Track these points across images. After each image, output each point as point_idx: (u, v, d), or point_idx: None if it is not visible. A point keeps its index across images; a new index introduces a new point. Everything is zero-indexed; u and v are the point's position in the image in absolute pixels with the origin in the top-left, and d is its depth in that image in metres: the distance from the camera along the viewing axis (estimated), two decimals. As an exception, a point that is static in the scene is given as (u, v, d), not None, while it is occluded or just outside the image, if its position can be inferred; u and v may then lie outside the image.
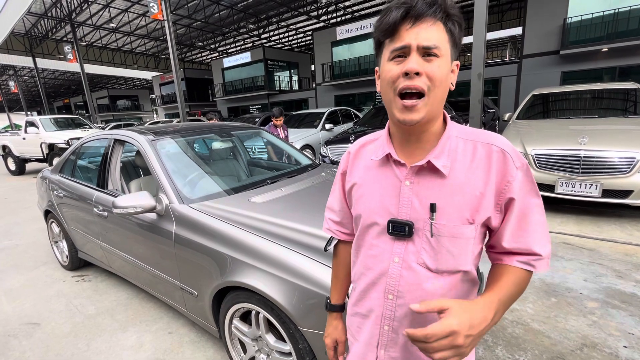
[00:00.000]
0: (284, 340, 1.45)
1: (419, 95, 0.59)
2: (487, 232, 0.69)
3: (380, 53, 0.65)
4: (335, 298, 0.92)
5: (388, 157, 0.70)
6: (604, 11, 9.31)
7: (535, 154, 3.59)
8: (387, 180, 0.69)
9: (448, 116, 0.69)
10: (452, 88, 0.65)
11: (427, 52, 0.58)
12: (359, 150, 0.79)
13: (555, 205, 3.95)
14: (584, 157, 3.30)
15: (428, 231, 0.64)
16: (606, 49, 9.34)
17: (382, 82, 0.64)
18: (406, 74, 0.58)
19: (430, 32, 0.57)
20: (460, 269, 0.65)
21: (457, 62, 0.65)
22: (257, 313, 1.51)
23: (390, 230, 0.67)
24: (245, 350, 1.70)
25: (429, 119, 0.62)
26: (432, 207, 0.63)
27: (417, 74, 0.57)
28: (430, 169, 0.65)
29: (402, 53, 0.59)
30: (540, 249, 0.64)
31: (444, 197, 0.63)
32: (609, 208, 3.75)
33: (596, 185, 3.25)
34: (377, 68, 0.69)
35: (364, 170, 0.75)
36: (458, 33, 0.61)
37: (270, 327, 1.53)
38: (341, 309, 0.91)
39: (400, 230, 0.66)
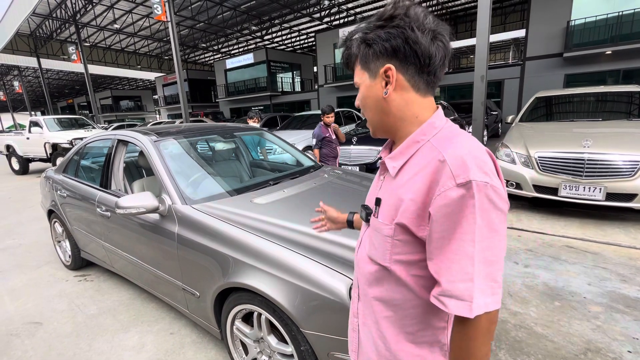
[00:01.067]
0: (286, 342, 1.44)
1: None
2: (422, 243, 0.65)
3: None
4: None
5: None
6: (607, 14, 9.29)
7: (538, 157, 3.58)
8: (378, 174, 0.79)
9: (430, 122, 0.66)
10: (385, 96, 0.66)
11: (357, 87, 0.73)
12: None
13: (558, 208, 3.93)
14: (587, 160, 3.28)
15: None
16: (610, 52, 9.31)
17: None
18: None
19: (356, 73, 0.71)
20: (379, 262, 0.69)
21: (386, 66, 0.64)
22: (259, 315, 1.51)
23: (360, 214, 0.80)
24: (247, 352, 1.70)
25: (381, 131, 0.73)
26: (377, 201, 0.71)
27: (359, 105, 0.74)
28: (386, 167, 0.72)
29: None
30: (449, 283, 0.56)
31: (388, 194, 0.69)
32: (613, 211, 3.73)
33: (600, 189, 3.23)
34: None
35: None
36: (365, 53, 0.67)
37: (273, 328, 1.52)
38: (350, 224, 1.08)
39: (362, 214, 0.78)
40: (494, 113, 9.77)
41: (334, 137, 4.31)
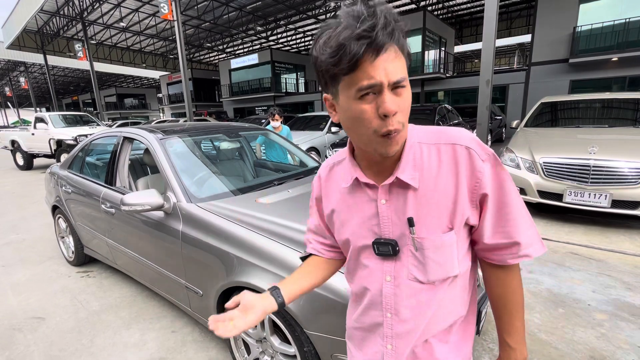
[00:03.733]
0: (289, 343, 1.44)
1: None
2: (470, 227, 0.68)
3: (333, 86, 0.58)
4: (286, 292, 0.75)
5: (358, 180, 0.69)
6: (614, 20, 9.26)
7: (543, 162, 3.56)
8: (363, 203, 0.69)
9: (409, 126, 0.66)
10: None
11: (396, 86, 0.54)
12: (329, 174, 0.77)
13: (562, 214, 3.91)
14: (593, 166, 3.26)
15: (412, 245, 0.64)
16: (616, 59, 9.28)
17: (350, 121, 0.59)
18: (386, 116, 0.54)
19: (395, 64, 0.53)
20: (449, 276, 0.66)
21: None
22: (263, 314, 1.50)
23: (377, 252, 0.68)
24: (249, 352, 1.69)
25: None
26: (410, 222, 0.63)
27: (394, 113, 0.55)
28: (400, 184, 0.64)
29: (372, 91, 0.54)
30: (523, 236, 0.64)
31: (419, 209, 0.63)
32: (618, 219, 3.70)
33: (605, 196, 3.21)
34: (326, 96, 0.62)
35: (339, 196, 0.74)
36: (408, 47, 0.58)
37: (276, 329, 1.52)
38: (282, 305, 0.74)
39: (385, 250, 0.66)
40: (498, 118, 9.75)
41: None
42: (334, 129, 7.96)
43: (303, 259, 0.87)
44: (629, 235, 3.31)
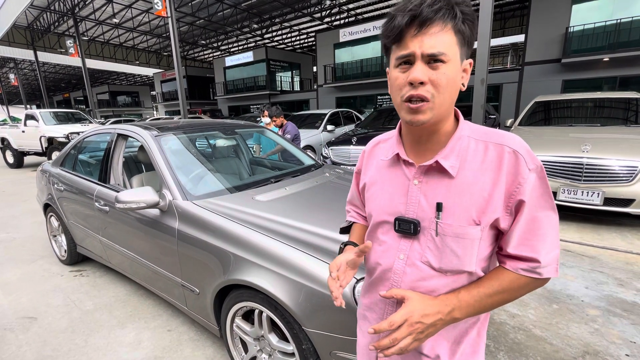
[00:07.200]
0: (287, 341, 1.43)
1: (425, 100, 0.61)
2: (498, 233, 0.68)
3: (388, 57, 0.65)
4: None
5: (398, 156, 0.72)
6: (606, 21, 9.37)
7: (537, 161, 3.59)
8: (396, 179, 0.71)
9: (461, 116, 0.69)
10: (463, 89, 0.64)
11: (432, 59, 0.58)
12: (372, 149, 0.82)
13: (555, 212, 3.96)
14: (586, 164, 3.31)
15: (433, 230, 0.65)
16: (607, 59, 9.40)
17: (390, 88, 0.66)
18: (411, 83, 0.59)
19: (436, 39, 0.57)
20: (464, 270, 0.65)
21: (470, 61, 0.64)
22: (260, 312, 1.49)
23: (397, 228, 0.69)
24: (246, 350, 1.68)
25: (437, 120, 0.63)
26: (439, 207, 0.64)
27: (422, 83, 0.58)
28: (439, 169, 0.65)
29: (407, 60, 0.59)
30: (545, 256, 0.61)
31: (451, 197, 0.63)
32: (610, 216, 3.76)
33: (598, 194, 3.25)
34: (387, 69, 0.70)
35: (375, 170, 0.77)
36: (469, 31, 0.60)
37: (274, 326, 1.51)
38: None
39: (405, 228, 0.68)
40: (492, 117, 9.81)
41: None
42: (329, 128, 7.96)
43: (343, 230, 0.94)
44: (621, 232, 3.36)
